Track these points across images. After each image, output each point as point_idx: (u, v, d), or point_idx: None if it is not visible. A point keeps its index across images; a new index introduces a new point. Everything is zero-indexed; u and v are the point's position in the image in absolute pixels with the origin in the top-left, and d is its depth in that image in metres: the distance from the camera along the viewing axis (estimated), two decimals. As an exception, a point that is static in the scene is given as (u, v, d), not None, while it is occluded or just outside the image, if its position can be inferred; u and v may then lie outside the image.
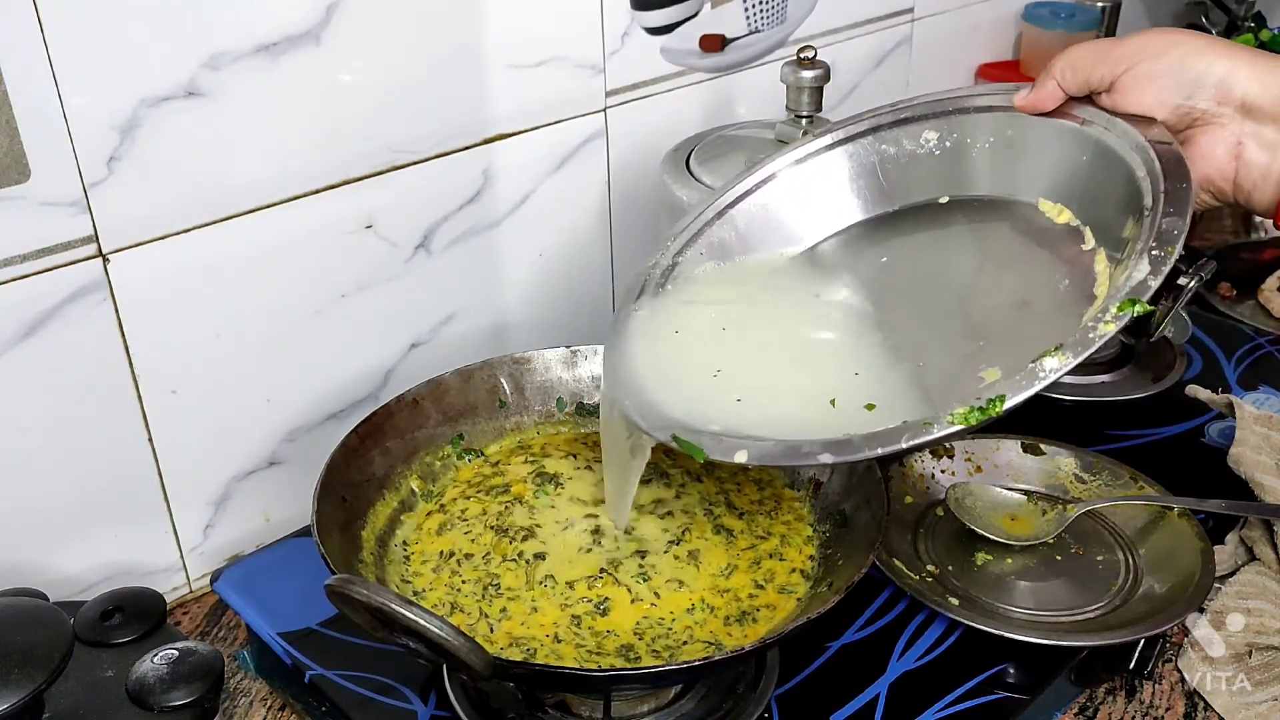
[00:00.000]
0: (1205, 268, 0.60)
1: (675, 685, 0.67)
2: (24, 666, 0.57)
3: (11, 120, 0.65)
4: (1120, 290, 0.55)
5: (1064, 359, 0.54)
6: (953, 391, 0.58)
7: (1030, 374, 0.54)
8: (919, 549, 0.78)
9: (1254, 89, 0.57)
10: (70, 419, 0.74)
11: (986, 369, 0.60)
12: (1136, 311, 0.54)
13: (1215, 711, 0.71)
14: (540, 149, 0.93)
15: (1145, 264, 0.55)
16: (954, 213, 0.73)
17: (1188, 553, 0.75)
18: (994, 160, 0.71)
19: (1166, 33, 0.61)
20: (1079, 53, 0.63)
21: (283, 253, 0.80)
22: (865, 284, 0.71)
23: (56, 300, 0.70)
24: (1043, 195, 0.68)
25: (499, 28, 0.86)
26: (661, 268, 0.74)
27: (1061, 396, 0.96)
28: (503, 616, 0.65)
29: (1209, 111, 0.59)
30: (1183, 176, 0.58)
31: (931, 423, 0.55)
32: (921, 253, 0.73)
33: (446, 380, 0.78)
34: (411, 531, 0.73)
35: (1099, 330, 0.54)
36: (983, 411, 0.54)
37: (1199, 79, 0.58)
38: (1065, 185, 0.67)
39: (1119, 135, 0.63)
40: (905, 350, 0.65)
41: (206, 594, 0.83)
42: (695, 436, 0.61)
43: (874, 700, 0.68)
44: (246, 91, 0.74)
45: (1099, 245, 0.63)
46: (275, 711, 0.74)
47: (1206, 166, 0.60)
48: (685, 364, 0.68)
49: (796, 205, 0.76)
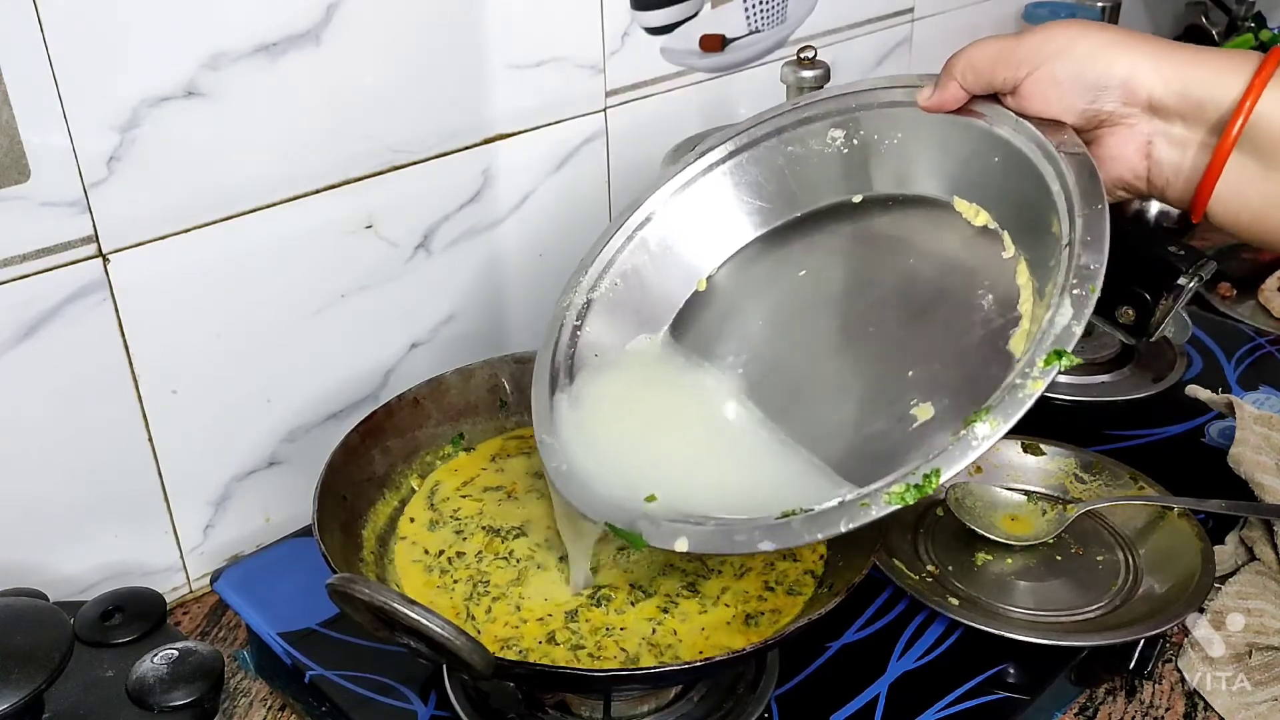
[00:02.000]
0: (1205, 268, 0.60)
1: (675, 685, 0.67)
2: (24, 666, 0.57)
3: (11, 120, 0.65)
4: (1045, 337, 0.54)
5: (995, 425, 0.53)
6: (886, 438, 0.58)
7: (964, 443, 0.53)
8: (919, 549, 0.78)
9: (1157, 88, 0.55)
10: (70, 419, 0.74)
11: (918, 404, 0.59)
12: (1063, 365, 0.53)
13: (1215, 711, 0.71)
14: (540, 149, 0.93)
15: (1068, 306, 0.53)
16: (870, 213, 0.69)
17: (1188, 553, 0.75)
18: (904, 157, 0.68)
19: (1066, 28, 0.58)
20: (978, 53, 0.61)
21: (283, 253, 0.80)
22: (770, 328, 0.69)
23: (56, 300, 0.70)
24: (957, 195, 0.65)
25: (499, 28, 0.86)
26: (576, 307, 0.72)
27: (1061, 396, 0.96)
28: (490, 616, 0.66)
29: (1115, 113, 0.57)
30: (1096, 196, 0.56)
31: (869, 503, 0.55)
32: (838, 262, 0.69)
33: (447, 380, 0.79)
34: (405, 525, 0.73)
35: (1027, 390, 0.53)
36: (919, 489, 0.54)
37: (1100, 81, 0.56)
38: (978, 185, 0.64)
39: (1027, 140, 0.60)
40: (825, 398, 0.64)
41: (206, 594, 0.83)
42: (632, 522, 0.60)
43: (874, 700, 0.68)
44: (246, 91, 0.74)
45: (1019, 252, 0.61)
46: (275, 711, 0.74)
47: (1117, 167, 0.59)
48: (615, 446, 0.67)
49: (704, 219, 0.73)
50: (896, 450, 0.58)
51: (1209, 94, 0.55)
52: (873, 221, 0.69)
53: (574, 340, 0.71)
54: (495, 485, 0.76)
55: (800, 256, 0.71)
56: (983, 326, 0.60)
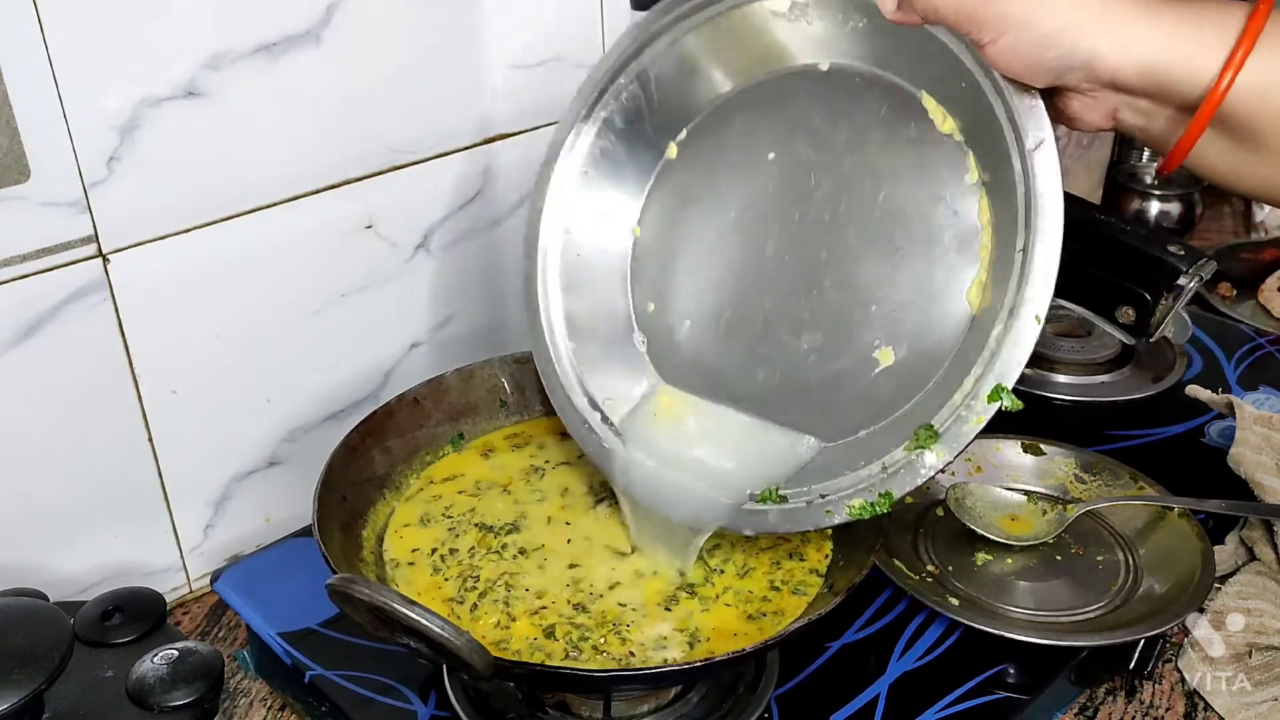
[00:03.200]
0: (1205, 268, 0.60)
1: (675, 685, 0.67)
2: (24, 666, 0.57)
3: (11, 120, 0.65)
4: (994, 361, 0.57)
5: (940, 455, 0.59)
6: (849, 378, 0.64)
7: (913, 469, 0.60)
8: (919, 549, 0.78)
9: (1121, 70, 0.53)
10: (70, 419, 0.74)
11: (880, 347, 0.63)
12: (1006, 405, 0.57)
13: (1215, 711, 0.71)
14: (540, 149, 0.92)
15: (1017, 331, 0.56)
16: (833, 88, 0.66)
17: (1188, 553, 0.75)
18: (875, 40, 0.64)
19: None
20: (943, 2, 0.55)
21: (283, 253, 0.80)
22: (721, 252, 0.71)
23: (56, 300, 0.70)
24: (926, 91, 0.62)
25: (499, 28, 0.86)
26: (568, 145, 0.74)
27: (1061, 396, 0.96)
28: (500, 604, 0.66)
29: (1079, 87, 0.57)
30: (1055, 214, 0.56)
31: (832, 511, 0.62)
32: (798, 145, 0.67)
33: (447, 379, 0.79)
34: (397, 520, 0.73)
35: (970, 425, 0.58)
36: (874, 507, 0.61)
37: (1063, 60, 0.54)
38: (945, 98, 0.62)
39: (994, 97, 0.58)
40: (789, 324, 0.67)
41: (206, 594, 0.83)
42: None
43: (874, 700, 0.68)
44: (246, 91, 0.74)
45: (981, 182, 0.60)
46: (275, 711, 0.74)
47: (1084, 125, 0.58)
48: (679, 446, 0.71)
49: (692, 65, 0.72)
50: (859, 398, 0.64)
51: (1176, 78, 0.53)
52: (836, 97, 0.66)
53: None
54: (489, 481, 0.76)
55: (762, 137, 0.69)
56: (942, 265, 0.62)
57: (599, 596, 0.66)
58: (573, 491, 0.75)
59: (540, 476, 0.76)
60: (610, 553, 0.70)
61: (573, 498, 0.75)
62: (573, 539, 0.71)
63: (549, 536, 0.71)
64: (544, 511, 0.73)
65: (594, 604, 0.66)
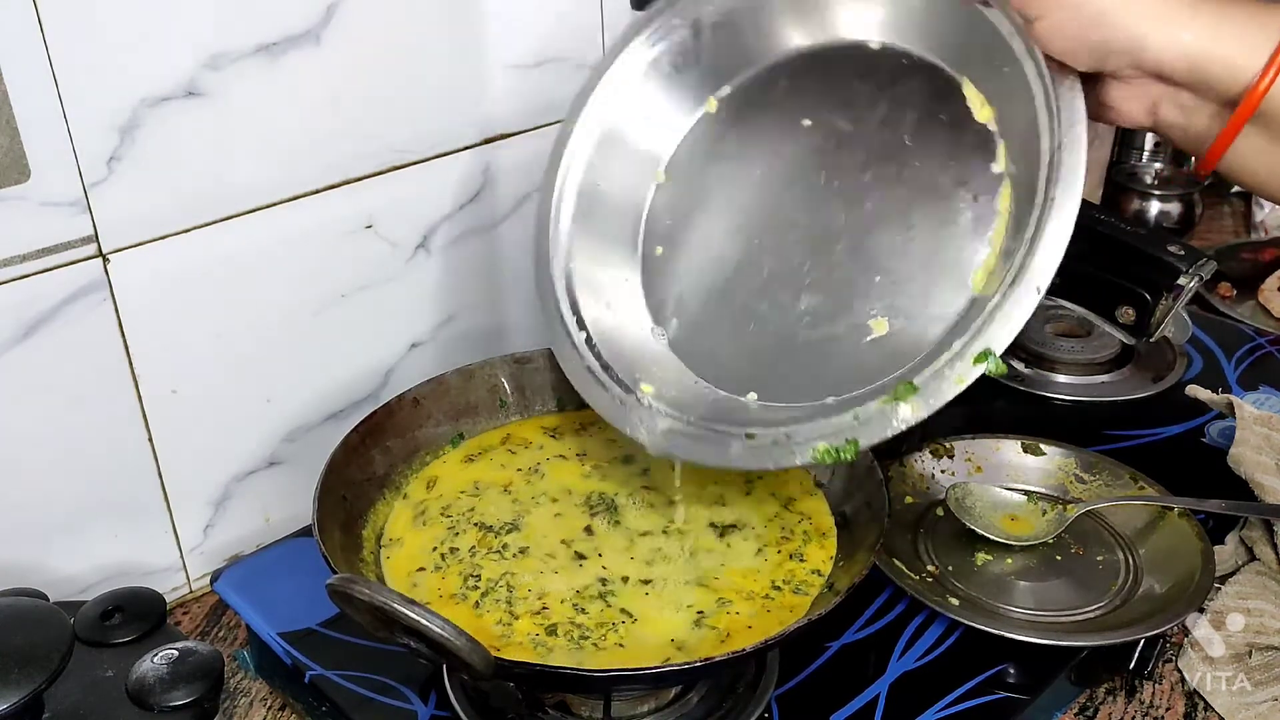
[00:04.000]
0: (1205, 268, 0.60)
1: (675, 685, 0.67)
2: (24, 666, 0.57)
3: (11, 120, 0.65)
4: (986, 325, 0.57)
5: (915, 409, 0.58)
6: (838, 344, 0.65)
7: (885, 419, 0.59)
8: (919, 549, 0.78)
9: (1166, 60, 0.54)
10: (70, 419, 0.74)
11: (877, 317, 0.64)
12: (990, 369, 0.56)
13: (1215, 711, 0.71)
14: (540, 149, 0.92)
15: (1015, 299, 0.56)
16: (879, 66, 0.67)
17: (1188, 553, 0.75)
18: (927, 22, 0.65)
19: None
20: None
21: (283, 253, 0.80)
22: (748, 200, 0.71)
23: (56, 300, 0.70)
24: (969, 78, 0.63)
25: (499, 28, 0.86)
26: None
27: (1061, 396, 0.96)
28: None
29: (1121, 73, 0.57)
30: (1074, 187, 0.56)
31: (795, 452, 0.62)
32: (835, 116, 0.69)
33: (447, 379, 0.79)
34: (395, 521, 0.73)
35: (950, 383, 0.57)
36: (839, 452, 0.60)
37: (1107, 45, 0.54)
38: (986, 84, 0.62)
39: (1035, 82, 0.58)
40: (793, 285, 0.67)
41: (206, 594, 0.83)
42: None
43: (874, 700, 0.68)
44: (246, 91, 0.74)
45: (1008, 173, 0.60)
46: (275, 711, 0.74)
47: (1121, 116, 0.58)
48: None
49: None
50: (844, 364, 0.64)
51: (1220, 73, 0.53)
52: (880, 75, 0.67)
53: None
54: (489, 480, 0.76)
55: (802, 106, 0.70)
56: (954, 246, 0.62)
57: (599, 596, 0.66)
58: (573, 491, 0.75)
59: (540, 476, 0.76)
60: (612, 552, 0.70)
61: (573, 497, 0.75)
62: (573, 539, 0.71)
63: (549, 536, 0.71)
64: (544, 511, 0.73)
65: (595, 604, 0.66)
